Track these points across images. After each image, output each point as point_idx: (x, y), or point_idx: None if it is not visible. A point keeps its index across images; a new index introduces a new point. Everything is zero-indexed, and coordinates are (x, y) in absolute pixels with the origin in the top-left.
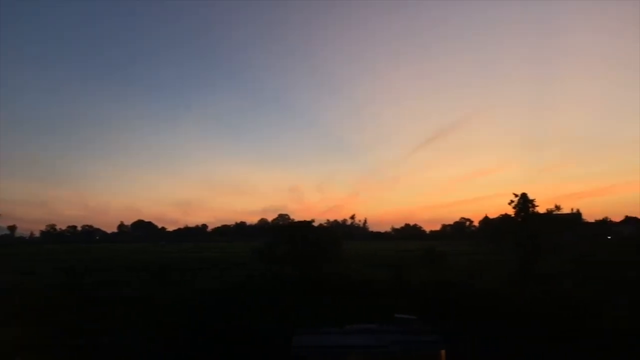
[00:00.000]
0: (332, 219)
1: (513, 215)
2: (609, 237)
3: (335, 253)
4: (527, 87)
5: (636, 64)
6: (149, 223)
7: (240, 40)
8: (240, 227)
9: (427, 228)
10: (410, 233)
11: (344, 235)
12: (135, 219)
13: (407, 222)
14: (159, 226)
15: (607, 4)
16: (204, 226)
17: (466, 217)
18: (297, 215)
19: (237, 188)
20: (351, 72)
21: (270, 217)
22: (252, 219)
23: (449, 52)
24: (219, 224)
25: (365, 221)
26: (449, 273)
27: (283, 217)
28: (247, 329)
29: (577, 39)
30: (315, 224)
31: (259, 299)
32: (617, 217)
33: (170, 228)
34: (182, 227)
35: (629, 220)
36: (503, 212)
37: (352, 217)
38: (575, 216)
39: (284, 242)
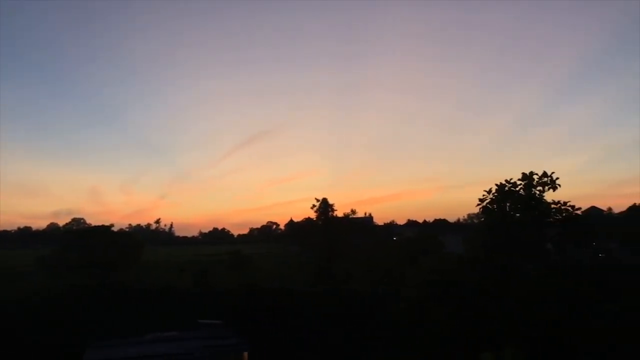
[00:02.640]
0: (135, 223)
1: (315, 219)
2: (395, 239)
3: (136, 259)
4: (334, 96)
5: (430, 77)
6: None
7: (46, 32)
8: (24, 232)
9: (236, 232)
10: (218, 237)
11: (147, 241)
12: None
13: (216, 227)
14: None
15: (407, 13)
16: None
17: (273, 220)
18: (96, 219)
19: (22, 188)
20: (165, 74)
21: (62, 222)
22: (41, 224)
23: (263, 59)
24: None
25: (171, 225)
26: (255, 276)
27: (78, 222)
28: (33, 346)
29: (377, 50)
30: (116, 228)
31: (46, 312)
32: (401, 221)
33: None
34: None
35: (411, 223)
36: (307, 216)
37: (158, 222)
38: (368, 220)
39: (78, 249)
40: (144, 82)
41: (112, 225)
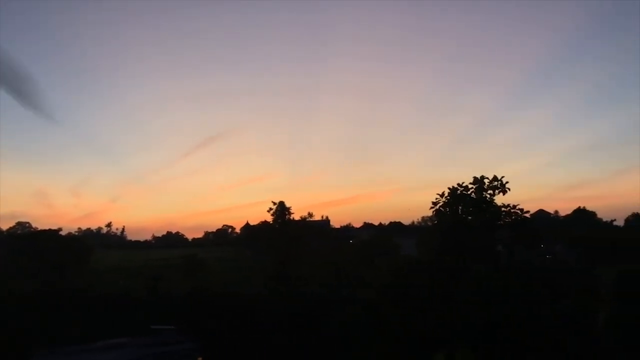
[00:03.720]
0: (85, 226)
1: (271, 222)
2: (351, 241)
3: (85, 264)
4: (291, 98)
5: (387, 80)
6: None
7: None
8: None
9: (190, 236)
10: (172, 241)
11: (98, 245)
12: None
13: (170, 230)
14: None
15: (363, 16)
16: None
17: (229, 224)
18: (43, 223)
19: None
20: (119, 75)
21: (5, 226)
22: None
23: (220, 61)
24: None
25: (123, 229)
26: (209, 280)
27: (23, 226)
28: None
29: (333, 52)
30: (65, 232)
31: None
32: (358, 224)
33: None
34: None
35: (367, 226)
36: (263, 219)
37: (109, 225)
38: (325, 223)
39: (24, 253)
40: (96, 80)
41: (60, 229)
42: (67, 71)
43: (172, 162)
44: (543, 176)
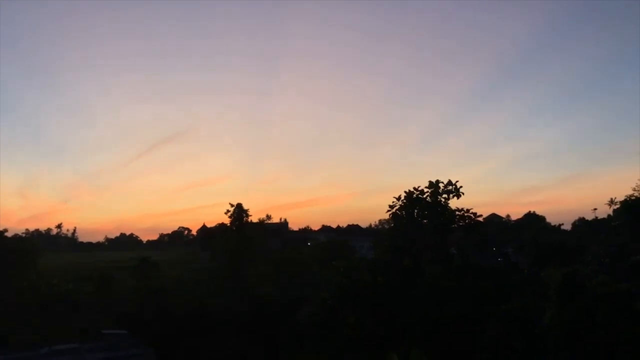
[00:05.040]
0: (34, 228)
1: (229, 224)
2: (309, 244)
3: (32, 266)
4: (252, 99)
5: (344, 84)
6: None
7: None
8: None
9: (145, 238)
10: (125, 243)
11: (47, 247)
12: None
13: (123, 232)
14: None
15: (321, 20)
16: None
17: (185, 226)
18: None
19: None
20: (72, 72)
21: None
22: None
23: (176, 61)
24: None
25: (74, 231)
26: (162, 283)
27: None
28: None
29: (289, 54)
30: (11, 233)
31: None
32: (316, 226)
33: None
34: None
35: (325, 228)
36: (220, 222)
37: (59, 226)
38: (283, 225)
39: None
40: (46, 77)
41: (5, 230)
42: (15, 66)
43: (127, 162)
44: (495, 181)
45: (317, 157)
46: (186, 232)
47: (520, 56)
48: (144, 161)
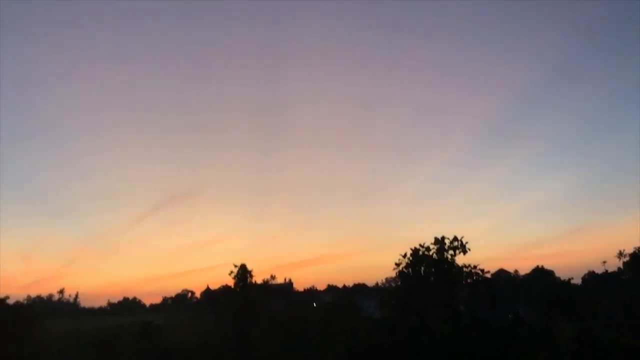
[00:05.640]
0: (36, 293)
1: (233, 286)
2: (315, 304)
3: (31, 334)
4: (251, 160)
5: (345, 143)
6: None
7: None
8: None
9: (148, 301)
10: (128, 307)
11: (49, 313)
12: None
13: (126, 296)
14: None
15: (321, 83)
16: None
17: (189, 288)
18: None
19: None
20: (73, 131)
21: None
22: None
23: (178, 122)
24: None
25: (76, 296)
26: (166, 347)
27: None
28: None
29: (290, 117)
30: (12, 300)
31: None
32: (321, 286)
33: None
34: None
35: (330, 288)
36: (224, 283)
37: (61, 292)
38: (288, 285)
39: None
40: (48, 139)
41: (7, 298)
42: (17, 127)
43: (129, 224)
44: (502, 235)
45: (321, 213)
46: (190, 294)
47: (524, 106)
48: (147, 222)
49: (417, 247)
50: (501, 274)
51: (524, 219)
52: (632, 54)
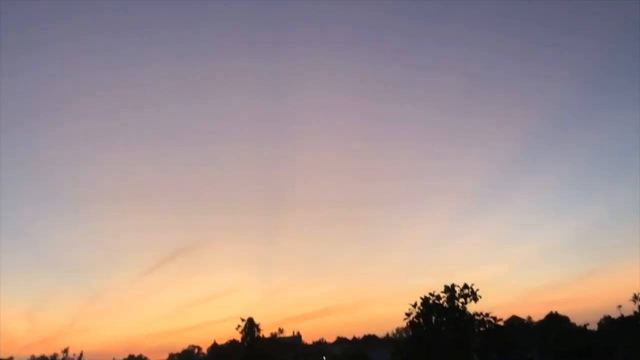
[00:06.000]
0: (40, 353)
1: (240, 340)
2: (324, 358)
3: None
4: (256, 211)
5: (349, 190)
6: None
7: None
8: None
9: (154, 358)
10: None
11: None
12: None
13: (132, 353)
14: None
15: (326, 129)
16: None
17: (195, 343)
18: None
19: None
20: (80, 187)
21: None
22: None
23: (184, 175)
24: None
25: (81, 354)
26: None
27: None
28: None
29: (301, 164)
30: None
31: None
32: (331, 338)
33: None
34: None
35: (340, 340)
36: (231, 338)
37: (66, 351)
38: (296, 339)
39: None
40: (51, 192)
41: (11, 358)
42: (19, 180)
43: (134, 280)
44: (513, 280)
45: (329, 263)
46: (196, 350)
47: (532, 146)
48: (152, 277)
49: (428, 295)
50: (514, 320)
51: (536, 262)
52: None
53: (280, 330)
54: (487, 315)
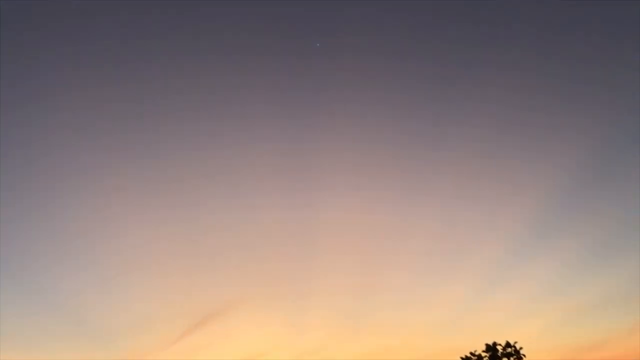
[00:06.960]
0: None
1: None
2: None
3: None
4: (290, 272)
5: (385, 248)
6: None
7: None
8: None
9: None
10: None
11: None
12: None
13: None
14: None
15: (350, 192)
16: None
17: None
18: None
19: None
20: (108, 250)
21: None
22: None
23: (215, 235)
24: None
25: None
26: None
27: None
28: None
29: (331, 222)
30: None
31: None
32: None
33: None
34: None
35: None
36: None
37: None
38: None
39: None
40: (82, 260)
41: None
42: (43, 241)
43: (167, 344)
44: (558, 336)
45: (362, 322)
46: None
47: (571, 198)
48: (182, 344)
49: (468, 355)
50: None
51: (582, 317)
52: None
53: None
54: None
